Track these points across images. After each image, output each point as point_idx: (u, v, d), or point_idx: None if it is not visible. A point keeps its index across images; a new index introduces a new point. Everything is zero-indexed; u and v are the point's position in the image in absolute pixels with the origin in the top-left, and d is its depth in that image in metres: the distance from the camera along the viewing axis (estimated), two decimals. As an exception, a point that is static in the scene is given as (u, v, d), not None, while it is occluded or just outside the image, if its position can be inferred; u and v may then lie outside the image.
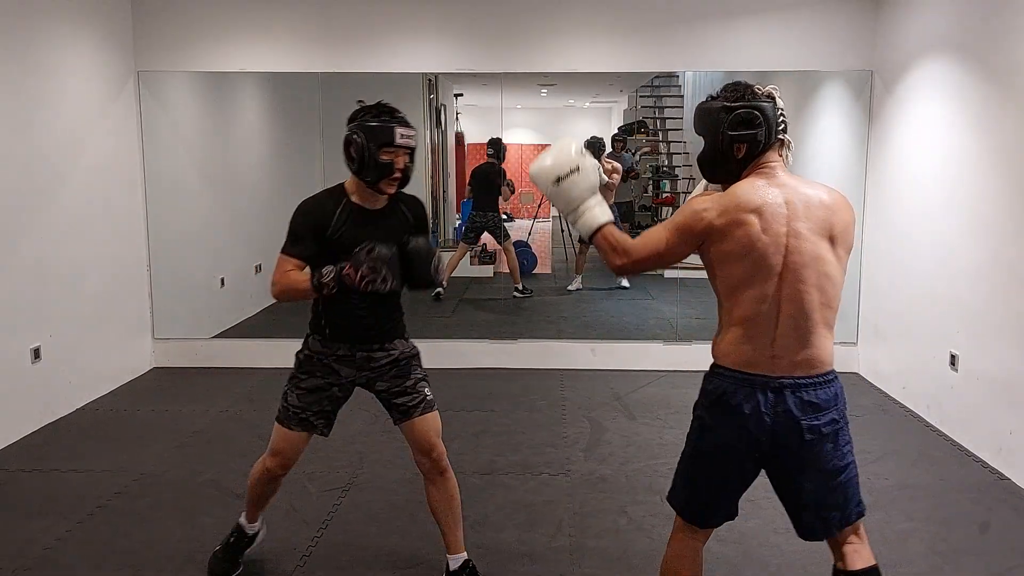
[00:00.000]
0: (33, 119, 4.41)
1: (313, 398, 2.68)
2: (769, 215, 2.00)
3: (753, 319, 2.04)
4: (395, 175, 2.58)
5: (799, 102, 6.35)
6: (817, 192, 2.07)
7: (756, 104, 2.08)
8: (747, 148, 2.07)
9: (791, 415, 2.02)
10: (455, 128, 8.98)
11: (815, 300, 2.02)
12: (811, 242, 2.01)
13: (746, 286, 2.03)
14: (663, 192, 8.71)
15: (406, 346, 2.77)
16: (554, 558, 3.06)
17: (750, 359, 2.05)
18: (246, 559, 2.97)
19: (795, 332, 2.02)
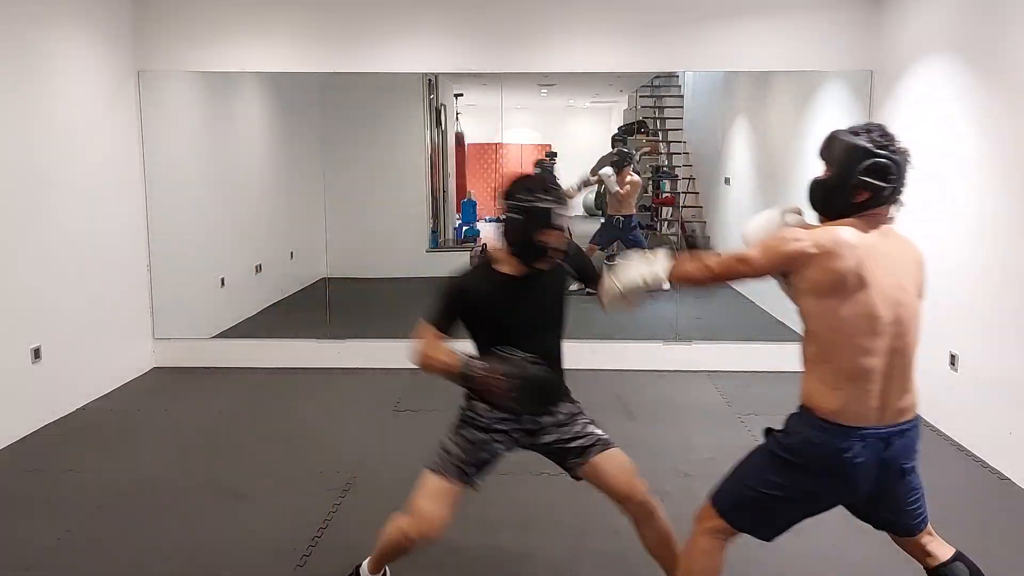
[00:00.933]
0: (33, 119, 4.41)
1: (477, 453, 2.55)
2: (868, 258, 2.01)
3: (864, 373, 2.02)
4: (550, 257, 2.45)
5: (799, 102, 6.35)
6: (909, 248, 2.13)
7: (895, 159, 2.06)
8: (869, 197, 2.07)
9: (896, 460, 2.07)
10: (455, 128, 8.98)
11: (915, 351, 2.08)
12: (911, 296, 2.07)
13: (854, 336, 2.01)
14: (663, 192, 8.70)
15: (572, 408, 2.63)
16: (554, 558, 3.06)
17: (858, 412, 2.02)
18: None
19: (899, 382, 2.05)
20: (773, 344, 5.80)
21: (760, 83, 7.06)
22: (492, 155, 10.05)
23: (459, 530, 3.27)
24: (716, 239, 8.03)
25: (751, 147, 7.46)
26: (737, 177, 7.62)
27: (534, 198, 2.40)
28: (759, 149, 7.30)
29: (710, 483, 3.68)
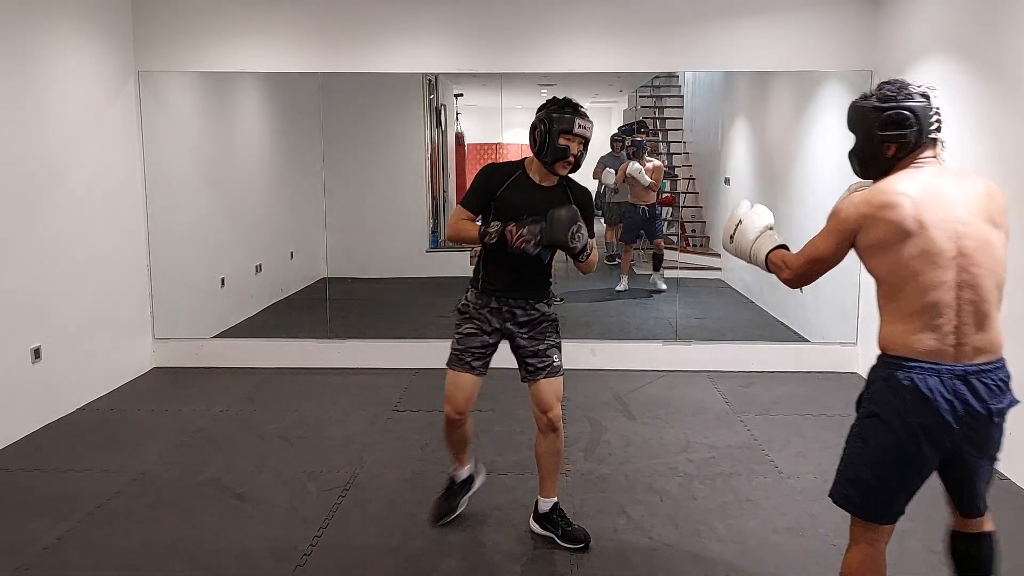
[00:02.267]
0: (33, 119, 4.41)
1: (469, 342, 3.08)
2: (924, 200, 2.04)
3: (933, 307, 2.01)
4: (569, 159, 2.95)
5: (799, 102, 6.35)
6: (972, 181, 2.13)
7: (907, 105, 2.13)
8: (896, 148, 2.14)
9: (982, 401, 2.01)
10: (455, 128, 8.98)
11: (991, 284, 2.03)
12: (977, 227, 2.03)
13: (918, 273, 2.02)
14: (663, 192, 8.70)
15: (547, 311, 3.13)
16: (554, 558, 3.06)
17: (934, 348, 2.01)
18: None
19: (974, 318, 2.01)
20: (773, 344, 5.81)
21: (760, 83, 7.06)
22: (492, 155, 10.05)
23: (459, 530, 3.28)
24: (716, 239, 8.03)
25: (751, 147, 7.46)
26: (737, 177, 7.62)
27: (560, 110, 2.93)
28: (759, 149, 7.30)
29: (710, 483, 3.71)
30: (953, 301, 2.01)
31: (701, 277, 7.72)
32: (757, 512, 3.44)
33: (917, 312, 2.03)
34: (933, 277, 2.01)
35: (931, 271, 2.01)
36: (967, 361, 2.01)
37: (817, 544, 3.17)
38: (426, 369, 5.57)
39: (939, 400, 2.00)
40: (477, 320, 3.08)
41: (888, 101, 2.15)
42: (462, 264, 8.10)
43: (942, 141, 2.19)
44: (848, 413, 4.90)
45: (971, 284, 2.01)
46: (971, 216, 2.04)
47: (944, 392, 2.00)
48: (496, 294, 3.06)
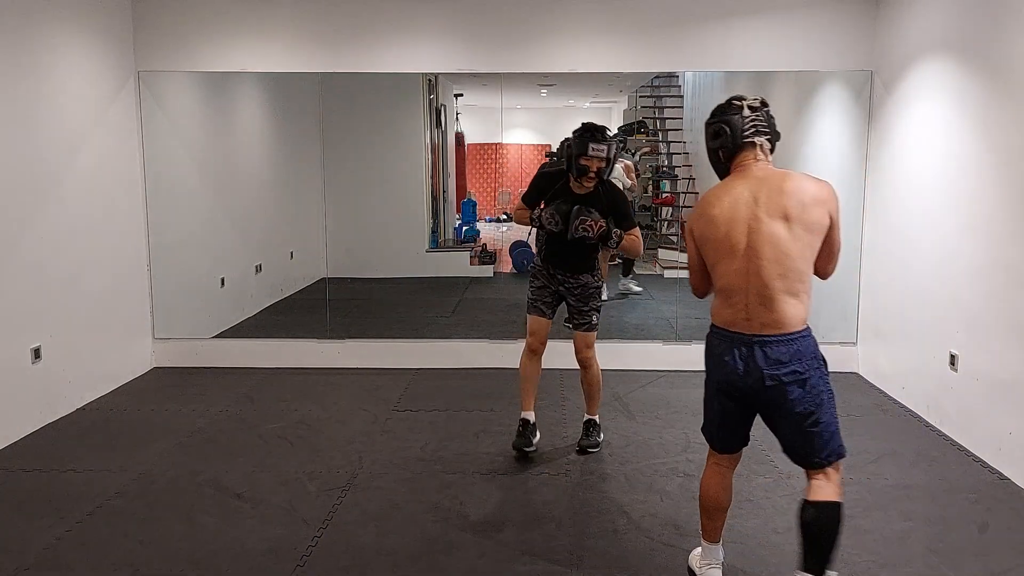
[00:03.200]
0: (33, 119, 4.42)
1: (539, 293, 3.99)
2: (731, 205, 2.49)
3: (730, 289, 2.51)
4: (590, 175, 3.71)
5: (799, 102, 6.35)
6: (779, 181, 2.47)
7: (723, 119, 2.59)
8: (724, 154, 2.60)
9: (758, 364, 2.47)
10: (455, 128, 8.99)
11: (773, 273, 2.44)
12: (768, 224, 2.44)
13: (721, 263, 2.52)
14: (663, 192, 8.70)
15: (592, 280, 3.96)
16: (553, 558, 3.06)
17: (730, 320, 2.53)
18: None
19: (760, 299, 2.46)
20: (773, 344, 5.80)
21: (760, 83, 7.06)
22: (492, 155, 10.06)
23: (459, 530, 3.29)
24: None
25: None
26: (737, 177, 7.61)
27: (580, 136, 3.69)
28: (759, 149, 7.29)
29: (710, 483, 3.70)
30: (743, 285, 2.48)
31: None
32: (757, 512, 3.44)
33: (722, 291, 2.55)
34: (729, 265, 2.50)
35: (729, 260, 2.50)
36: (754, 332, 2.47)
37: (817, 544, 3.16)
38: (426, 369, 5.57)
39: (727, 360, 2.52)
40: (544, 279, 3.98)
41: (713, 117, 2.63)
42: (462, 264, 8.12)
43: (761, 144, 2.55)
44: (847, 414, 4.93)
45: (756, 272, 2.45)
46: (763, 214, 2.45)
47: (737, 355, 2.50)
48: (549, 266, 3.97)
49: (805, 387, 2.45)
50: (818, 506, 2.47)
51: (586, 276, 3.93)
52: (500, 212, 10.35)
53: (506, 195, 10.28)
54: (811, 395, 2.46)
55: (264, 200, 7.17)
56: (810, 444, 2.50)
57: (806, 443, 2.50)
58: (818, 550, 2.47)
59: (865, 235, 5.43)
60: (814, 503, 2.48)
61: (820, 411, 2.47)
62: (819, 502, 2.48)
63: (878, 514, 3.43)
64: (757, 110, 2.57)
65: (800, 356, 2.45)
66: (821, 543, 2.47)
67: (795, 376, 2.45)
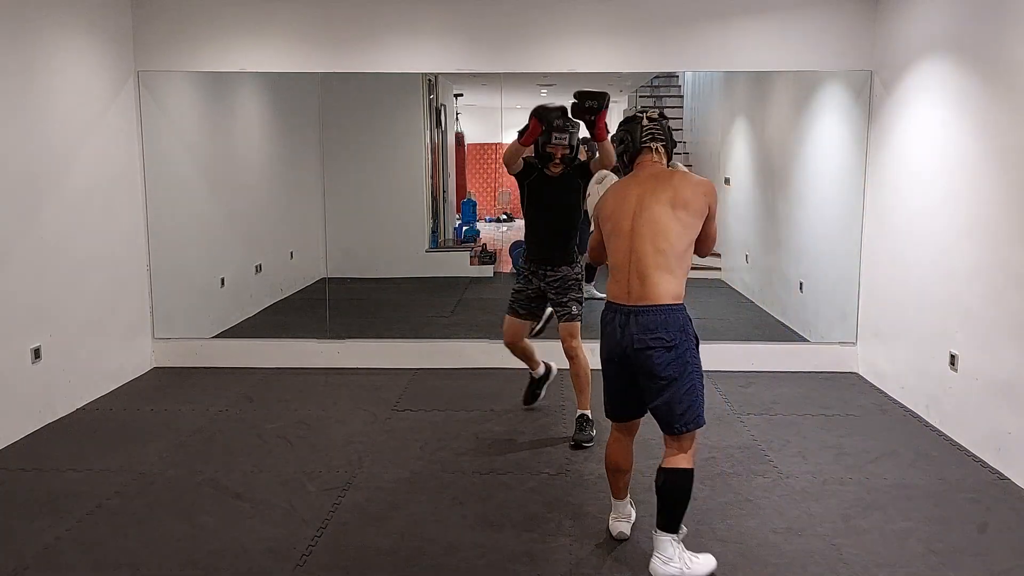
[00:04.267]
0: (33, 119, 4.42)
1: (516, 296, 4.32)
2: (622, 195, 2.96)
3: (617, 266, 2.94)
4: (555, 161, 4.08)
5: (799, 102, 6.35)
6: (669, 176, 2.93)
7: (627, 128, 3.06)
8: (627, 155, 3.07)
9: (631, 331, 2.84)
10: (455, 128, 8.98)
11: (650, 252, 2.83)
12: (651, 209, 2.85)
13: (611, 243, 2.97)
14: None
15: (571, 272, 4.24)
16: (553, 558, 3.06)
17: (615, 294, 2.93)
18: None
19: (639, 276, 2.85)
20: (773, 344, 5.80)
21: (760, 83, 7.06)
22: (492, 155, 10.05)
23: (459, 530, 3.29)
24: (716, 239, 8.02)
25: (751, 147, 7.46)
26: (737, 177, 7.62)
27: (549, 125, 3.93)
28: (759, 149, 7.30)
29: (710, 483, 3.71)
30: (626, 262, 2.89)
31: (701, 277, 7.72)
32: (756, 512, 3.44)
33: (612, 268, 2.97)
34: (617, 244, 2.93)
35: (616, 241, 2.93)
36: (633, 303, 2.85)
37: (816, 544, 3.17)
38: (426, 369, 5.57)
39: (609, 329, 2.92)
40: (524, 281, 4.29)
41: (620, 126, 3.09)
42: (462, 264, 8.12)
43: (656, 148, 3.01)
44: (847, 413, 4.93)
45: (636, 250, 2.85)
46: (649, 201, 2.86)
47: (617, 323, 2.88)
48: (532, 263, 4.25)
49: (671, 353, 2.81)
50: (668, 472, 2.86)
51: (565, 268, 4.22)
52: (500, 212, 10.35)
53: (506, 195, 10.28)
54: (676, 363, 2.82)
55: (264, 200, 7.17)
56: (671, 410, 2.84)
57: (668, 409, 2.85)
58: (670, 511, 2.86)
59: (865, 235, 5.43)
60: (666, 470, 2.87)
61: (682, 379, 2.84)
62: (670, 469, 2.86)
63: (878, 514, 3.43)
64: (655, 121, 3.04)
65: (667, 326, 2.81)
66: (672, 505, 2.86)
67: (661, 342, 2.80)
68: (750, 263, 7.38)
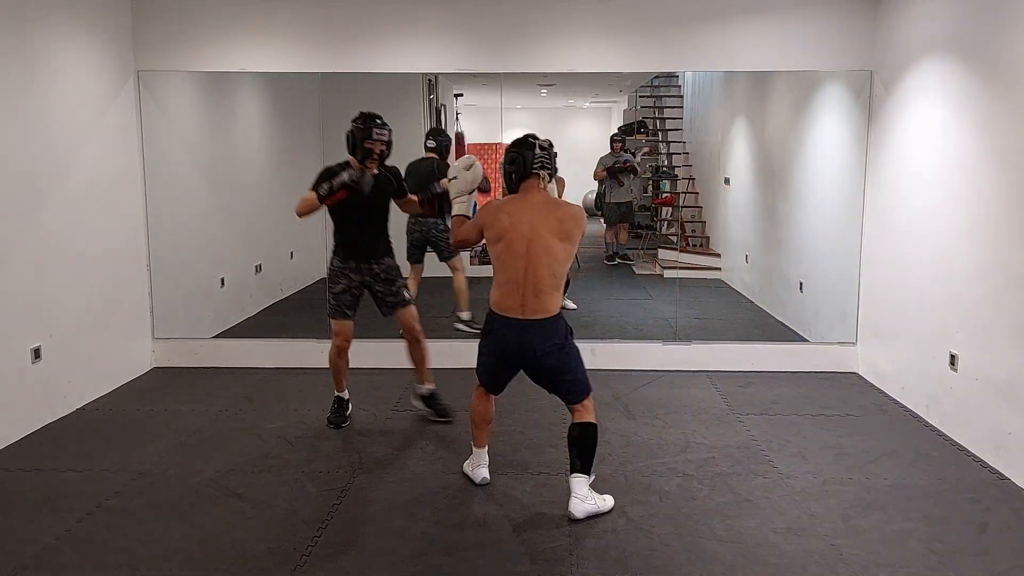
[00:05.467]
0: (33, 119, 4.42)
1: (340, 298, 4.31)
2: (515, 216, 3.32)
3: (512, 283, 3.32)
4: (374, 157, 4.15)
5: (799, 102, 6.35)
6: (553, 207, 3.38)
7: (520, 151, 3.41)
8: (516, 176, 3.41)
9: (531, 340, 3.33)
10: (455, 128, 8.97)
11: (545, 275, 3.30)
12: (544, 237, 3.29)
13: (505, 262, 3.32)
14: (663, 192, 8.70)
15: (392, 262, 4.37)
16: (553, 558, 3.06)
17: (507, 307, 3.34)
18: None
19: (534, 292, 3.30)
20: (772, 344, 5.80)
21: (760, 83, 7.06)
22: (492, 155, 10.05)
23: (459, 530, 3.29)
24: (716, 239, 8.03)
25: (751, 147, 7.46)
26: (737, 177, 7.62)
27: (364, 123, 4.14)
28: (759, 149, 7.30)
29: (709, 483, 3.71)
30: (522, 280, 3.29)
31: (700, 277, 7.72)
32: (756, 512, 3.44)
33: (504, 283, 3.34)
34: (513, 265, 3.30)
35: (511, 262, 3.31)
36: (528, 316, 3.31)
37: (816, 544, 3.17)
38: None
39: (502, 337, 3.37)
40: (344, 279, 4.27)
41: (513, 147, 3.42)
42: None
43: (543, 176, 3.41)
44: (847, 413, 4.93)
45: (533, 272, 3.29)
46: (540, 230, 3.30)
47: (511, 335, 3.34)
48: (351, 262, 4.27)
49: (563, 351, 3.37)
50: (581, 425, 3.40)
51: (388, 259, 4.34)
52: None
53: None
54: (567, 356, 3.39)
55: (264, 200, 7.16)
56: (570, 390, 3.42)
57: (568, 390, 3.42)
58: (585, 456, 3.39)
59: (865, 235, 5.43)
60: (579, 424, 3.41)
61: (571, 367, 3.40)
62: (583, 423, 3.41)
63: (878, 514, 3.43)
64: (545, 150, 3.41)
65: (557, 331, 3.36)
66: (586, 451, 3.39)
67: (556, 346, 3.35)
68: (750, 263, 7.38)
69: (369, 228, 4.28)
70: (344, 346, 4.41)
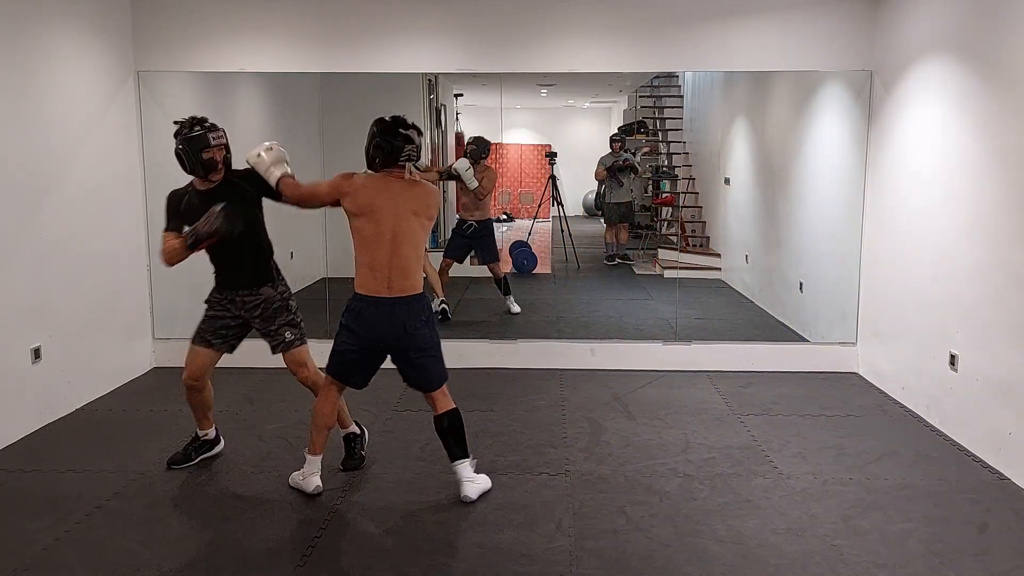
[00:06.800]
0: (33, 119, 4.41)
1: (211, 324, 3.73)
2: (380, 198, 3.34)
3: (376, 265, 3.34)
4: (218, 168, 3.62)
5: (799, 102, 6.35)
6: (409, 186, 3.41)
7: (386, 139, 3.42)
8: (380, 160, 3.42)
9: (401, 318, 3.36)
10: (455, 128, 8.97)
11: (411, 256, 3.37)
12: (407, 221, 3.36)
13: (371, 242, 3.33)
14: (663, 192, 8.70)
15: (275, 294, 3.73)
16: (553, 559, 3.06)
17: (374, 289, 3.35)
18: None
19: (399, 271, 3.35)
20: (773, 344, 5.80)
21: (760, 83, 7.06)
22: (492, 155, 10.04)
23: (459, 530, 3.29)
24: (716, 239, 8.03)
25: (751, 147, 7.46)
26: (737, 177, 7.62)
27: (191, 130, 3.64)
28: (759, 149, 7.30)
29: (709, 484, 3.71)
30: (388, 262, 3.33)
31: (701, 277, 7.72)
32: (756, 513, 3.44)
33: (368, 265, 3.34)
34: (378, 248, 3.32)
35: (375, 244, 3.32)
36: (396, 295, 3.34)
37: (816, 544, 3.17)
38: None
39: (371, 318, 3.36)
40: (220, 309, 3.72)
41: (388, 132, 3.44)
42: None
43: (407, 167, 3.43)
44: (848, 413, 4.93)
45: (399, 254, 3.33)
46: (403, 211, 3.35)
47: (381, 315, 3.34)
48: (226, 291, 3.70)
49: (428, 328, 3.42)
50: (447, 414, 3.48)
51: (267, 289, 3.68)
52: (500, 212, 10.35)
53: (506, 195, 10.27)
54: (431, 334, 3.44)
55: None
56: (428, 373, 3.45)
57: (426, 373, 3.45)
58: (459, 441, 3.50)
59: (865, 235, 5.43)
60: (445, 413, 3.48)
61: (436, 344, 3.46)
62: (447, 411, 3.48)
63: (878, 514, 3.43)
64: (414, 143, 3.46)
65: (423, 308, 3.43)
66: (458, 436, 3.50)
67: (423, 322, 3.40)
68: (750, 263, 7.38)
69: (238, 253, 3.60)
70: (192, 384, 3.74)
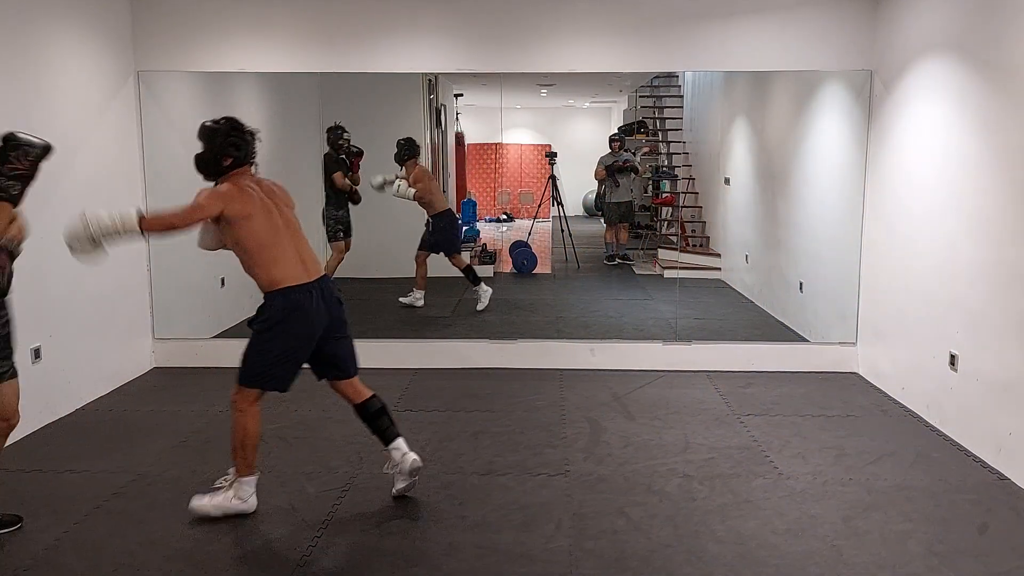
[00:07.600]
0: (33, 119, 4.41)
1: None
2: (261, 194, 3.34)
3: (284, 256, 3.32)
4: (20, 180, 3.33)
5: (799, 102, 6.35)
6: (273, 186, 3.48)
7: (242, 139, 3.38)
8: (234, 161, 3.34)
9: (329, 297, 3.39)
10: (455, 128, 8.97)
11: (305, 241, 3.45)
12: (284, 212, 3.42)
13: (273, 236, 3.31)
14: (663, 192, 8.70)
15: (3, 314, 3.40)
16: (552, 559, 3.06)
17: (295, 276, 3.31)
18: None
19: (309, 255, 3.42)
20: (773, 344, 5.81)
21: (760, 83, 7.06)
22: (492, 155, 10.04)
23: (458, 531, 3.29)
24: (715, 239, 8.03)
25: (751, 147, 7.46)
26: (737, 177, 7.62)
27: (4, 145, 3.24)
28: (759, 149, 7.30)
29: (709, 484, 3.71)
30: (294, 251, 3.35)
31: (701, 277, 7.72)
32: (756, 513, 3.44)
33: (277, 259, 3.30)
34: (279, 239, 3.32)
35: (278, 235, 3.33)
36: (315, 278, 3.36)
37: (816, 545, 3.17)
38: (426, 369, 5.57)
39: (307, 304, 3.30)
40: None
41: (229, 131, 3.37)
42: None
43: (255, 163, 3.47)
44: (848, 414, 4.92)
45: (297, 239, 3.39)
46: (280, 205, 3.40)
47: (316, 297, 3.33)
48: None
49: (342, 305, 3.49)
50: (369, 400, 3.53)
51: None
52: (500, 212, 10.35)
53: (506, 195, 10.27)
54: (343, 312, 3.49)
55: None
56: (350, 354, 3.51)
57: (348, 354, 3.50)
58: (389, 423, 3.53)
59: (865, 235, 5.43)
60: (367, 400, 3.53)
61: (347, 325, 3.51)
62: (368, 398, 3.53)
63: (878, 514, 3.43)
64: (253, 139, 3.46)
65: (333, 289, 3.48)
66: (387, 418, 3.54)
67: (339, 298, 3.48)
68: (750, 263, 7.38)
69: None
70: None
